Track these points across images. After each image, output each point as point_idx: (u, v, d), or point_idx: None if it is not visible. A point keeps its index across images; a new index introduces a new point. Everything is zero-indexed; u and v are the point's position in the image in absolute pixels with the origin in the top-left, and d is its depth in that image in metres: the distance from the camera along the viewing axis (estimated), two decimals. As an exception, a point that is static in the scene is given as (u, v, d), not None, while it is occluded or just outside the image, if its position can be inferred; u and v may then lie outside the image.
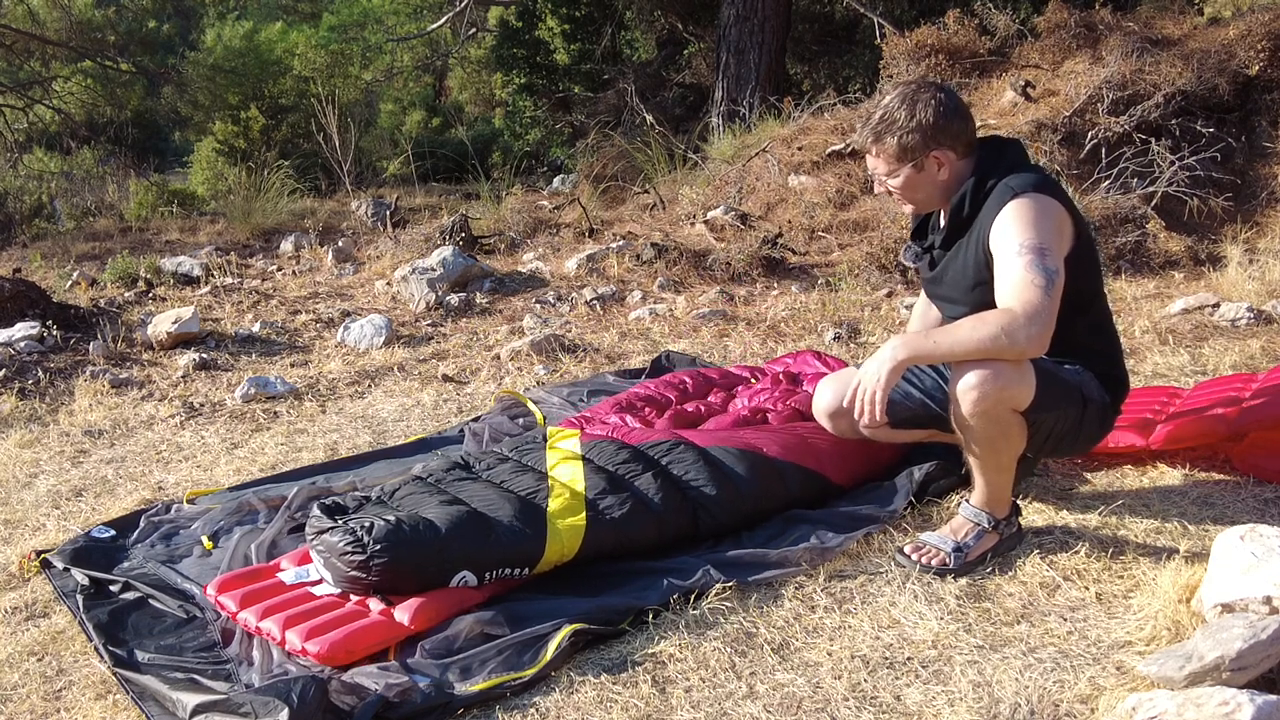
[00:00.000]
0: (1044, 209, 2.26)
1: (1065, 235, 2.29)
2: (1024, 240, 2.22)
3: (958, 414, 2.25)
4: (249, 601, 2.31)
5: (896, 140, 2.35)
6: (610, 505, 2.50)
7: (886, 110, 2.37)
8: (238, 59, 13.33)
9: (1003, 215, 2.27)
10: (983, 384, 2.18)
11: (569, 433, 2.90)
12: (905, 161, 2.38)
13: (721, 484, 2.61)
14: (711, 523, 2.59)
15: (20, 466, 3.56)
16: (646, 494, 2.55)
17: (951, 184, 2.40)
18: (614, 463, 2.65)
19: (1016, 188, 2.29)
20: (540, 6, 11.20)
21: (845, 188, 6.38)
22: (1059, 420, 2.35)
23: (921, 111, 2.32)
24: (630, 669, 2.09)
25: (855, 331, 4.57)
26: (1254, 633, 1.79)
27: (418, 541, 2.29)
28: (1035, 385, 2.23)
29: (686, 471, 2.64)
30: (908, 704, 1.93)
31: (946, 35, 6.97)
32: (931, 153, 2.35)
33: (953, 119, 2.34)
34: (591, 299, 5.33)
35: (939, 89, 2.37)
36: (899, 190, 2.44)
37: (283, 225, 8.12)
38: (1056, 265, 2.20)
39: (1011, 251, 2.23)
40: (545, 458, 2.73)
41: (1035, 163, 2.44)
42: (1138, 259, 5.25)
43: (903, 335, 2.30)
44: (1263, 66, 5.94)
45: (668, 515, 2.54)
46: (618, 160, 8.71)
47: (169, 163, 14.92)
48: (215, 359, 4.72)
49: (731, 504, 2.60)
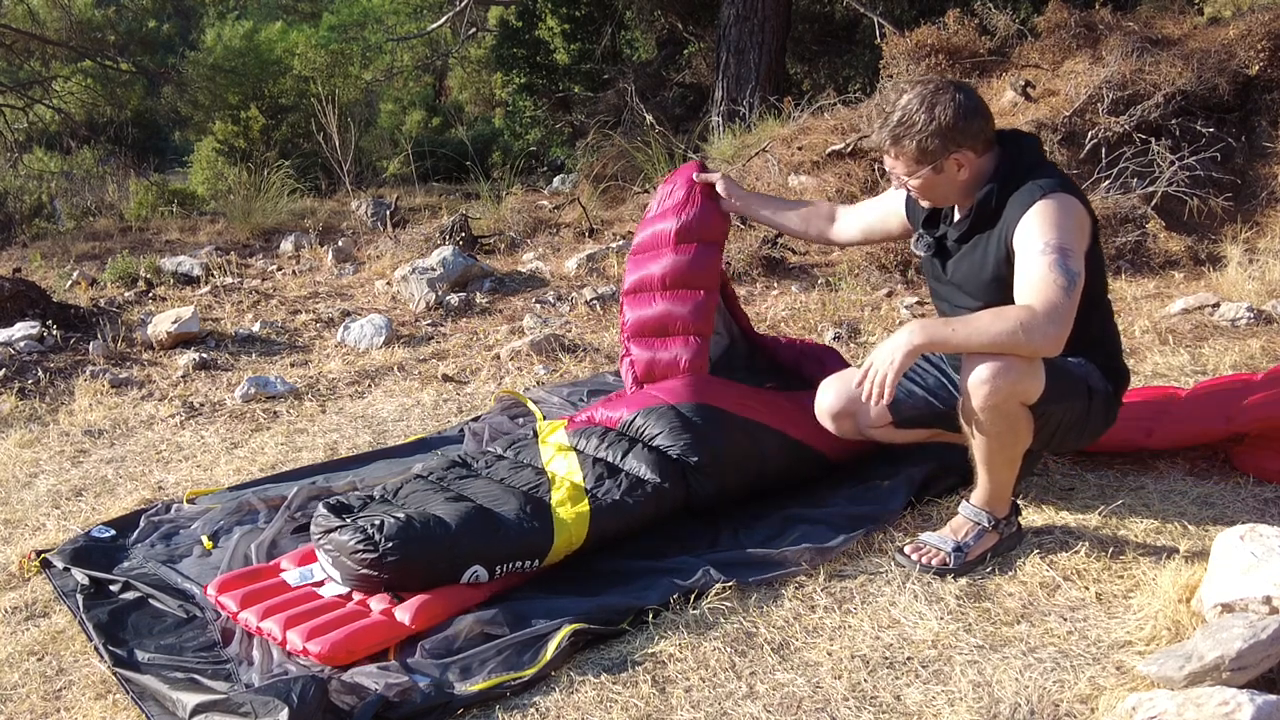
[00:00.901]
0: (1069, 210, 2.27)
1: (1086, 235, 2.30)
2: (1049, 240, 2.22)
3: (968, 407, 2.25)
4: (250, 601, 2.31)
5: (915, 143, 2.33)
6: (609, 490, 2.56)
7: (905, 112, 2.34)
8: (238, 59, 13.32)
9: (1030, 214, 2.27)
10: (995, 377, 2.18)
11: (555, 424, 2.93)
12: (925, 164, 2.36)
13: (699, 445, 2.65)
14: (701, 491, 2.66)
15: (20, 466, 3.56)
16: (638, 472, 2.62)
17: (971, 182, 2.39)
18: (601, 448, 2.71)
19: (1045, 187, 2.29)
20: (540, 6, 11.20)
21: (845, 188, 6.37)
22: (1066, 412, 2.35)
23: (941, 114, 2.30)
24: (630, 669, 2.09)
25: (855, 331, 4.57)
26: (1254, 633, 1.79)
27: (429, 538, 2.30)
28: (1045, 379, 2.24)
29: (663, 437, 2.68)
30: (908, 704, 1.93)
31: (946, 35, 6.97)
32: (951, 155, 2.34)
33: (973, 119, 2.32)
34: (591, 299, 5.33)
35: (958, 89, 2.34)
36: (917, 190, 2.43)
37: (283, 225, 8.11)
38: (1079, 268, 2.20)
39: (1035, 250, 2.23)
40: (539, 453, 2.76)
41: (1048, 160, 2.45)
42: (1138, 259, 5.25)
43: (920, 320, 2.28)
44: (1263, 66, 5.93)
45: (663, 486, 2.60)
46: (618, 160, 8.70)
47: (169, 163, 14.91)
48: (215, 359, 4.72)
49: (712, 467, 2.65)
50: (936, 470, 2.79)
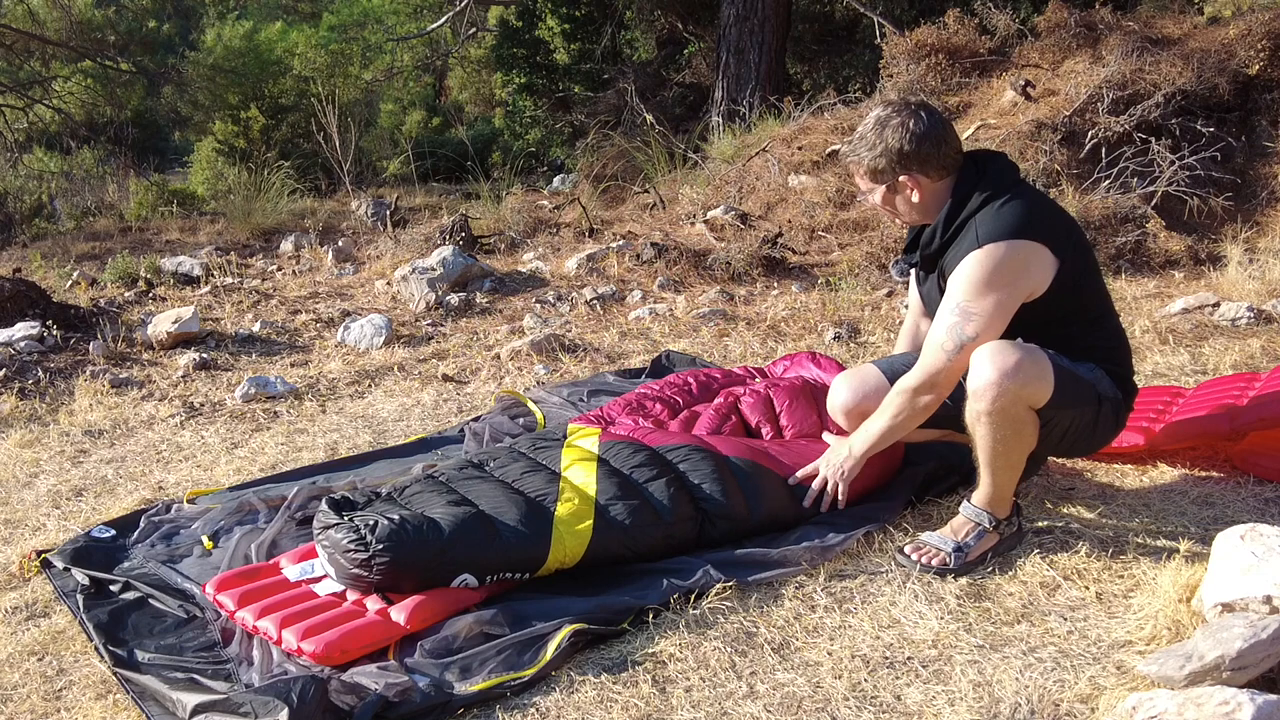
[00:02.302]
0: (1002, 262, 2.27)
1: (1032, 276, 2.30)
2: (959, 300, 2.30)
3: (973, 409, 2.26)
4: (247, 600, 2.31)
5: (866, 163, 2.42)
6: (619, 512, 2.47)
7: (862, 130, 2.44)
8: (238, 59, 13.31)
9: (960, 267, 2.32)
10: (1003, 380, 2.19)
11: (589, 430, 2.85)
12: (878, 183, 2.44)
13: (734, 496, 2.57)
14: (715, 535, 2.56)
15: (20, 466, 3.56)
16: (658, 501, 2.52)
17: (929, 204, 2.43)
18: (630, 465, 2.61)
19: (983, 236, 2.30)
20: (540, 6, 11.21)
21: (845, 187, 6.38)
22: (1075, 418, 2.35)
23: (890, 136, 2.36)
24: (630, 669, 2.09)
25: (855, 331, 4.57)
26: (1254, 632, 1.79)
27: (420, 542, 2.29)
28: (1054, 383, 2.24)
29: (703, 480, 2.58)
30: (908, 704, 1.93)
31: (946, 35, 6.98)
32: (900, 177, 2.39)
33: (922, 145, 2.35)
34: (591, 299, 5.33)
35: (914, 112, 2.37)
36: (878, 206, 2.51)
37: (283, 225, 8.12)
38: (976, 331, 2.27)
39: (946, 308, 2.33)
40: (561, 457, 2.69)
41: (1018, 177, 2.42)
42: (1138, 259, 5.26)
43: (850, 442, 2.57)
44: (1263, 66, 5.94)
45: (676, 525, 2.51)
46: (618, 160, 8.72)
47: (169, 163, 14.90)
48: (215, 359, 4.72)
49: (741, 519, 2.57)
50: (937, 470, 2.79)
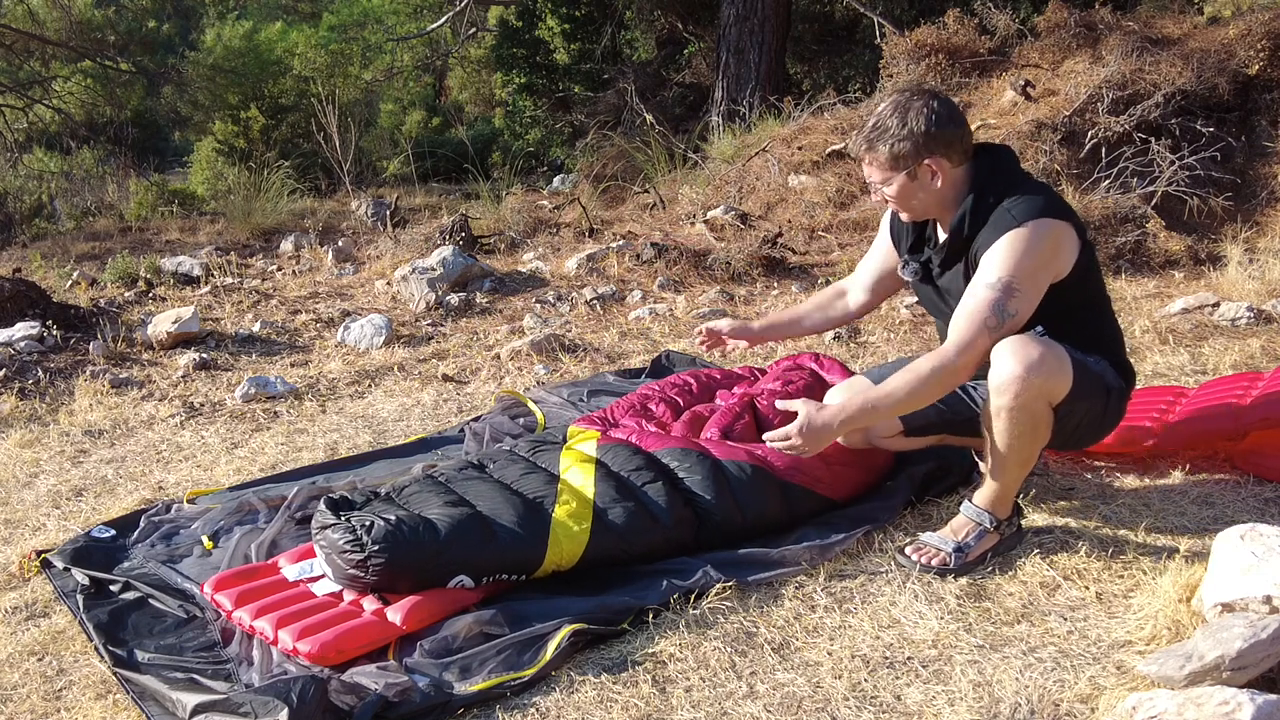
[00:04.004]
0: (1040, 239, 2.25)
1: (1062, 256, 2.29)
2: (1002, 275, 2.24)
3: (995, 404, 2.24)
4: (244, 600, 2.31)
5: (889, 148, 2.34)
6: (617, 515, 2.47)
7: (879, 118, 2.37)
8: (238, 59, 13.32)
9: (998, 243, 2.27)
10: (1028, 374, 2.18)
11: (589, 434, 2.85)
12: (899, 170, 2.36)
13: (725, 499, 2.56)
14: (711, 537, 2.56)
15: (20, 466, 3.56)
16: (655, 504, 2.52)
17: (947, 192, 2.38)
18: (627, 468, 2.61)
19: (1018, 215, 2.26)
20: (540, 6, 11.21)
21: (845, 187, 6.39)
22: (1089, 410, 2.35)
23: (914, 119, 2.31)
24: (630, 669, 2.09)
25: (855, 331, 4.57)
26: (1254, 632, 1.79)
27: (416, 544, 2.29)
28: (1073, 376, 2.24)
29: (697, 485, 2.58)
30: (908, 704, 1.93)
31: (946, 35, 6.98)
32: (924, 161, 2.34)
33: (945, 127, 2.33)
34: (591, 299, 5.33)
35: (933, 96, 2.36)
36: (894, 198, 2.43)
37: (283, 225, 8.12)
38: (1018, 309, 2.23)
39: (985, 281, 2.26)
40: (559, 460, 2.69)
41: (1025, 171, 2.42)
42: (1138, 259, 5.25)
43: (841, 402, 2.32)
44: (1263, 66, 5.94)
45: (672, 529, 2.51)
46: (618, 160, 8.72)
47: (169, 163, 14.90)
48: (215, 359, 4.72)
49: (734, 522, 2.56)
50: (937, 470, 2.79)
